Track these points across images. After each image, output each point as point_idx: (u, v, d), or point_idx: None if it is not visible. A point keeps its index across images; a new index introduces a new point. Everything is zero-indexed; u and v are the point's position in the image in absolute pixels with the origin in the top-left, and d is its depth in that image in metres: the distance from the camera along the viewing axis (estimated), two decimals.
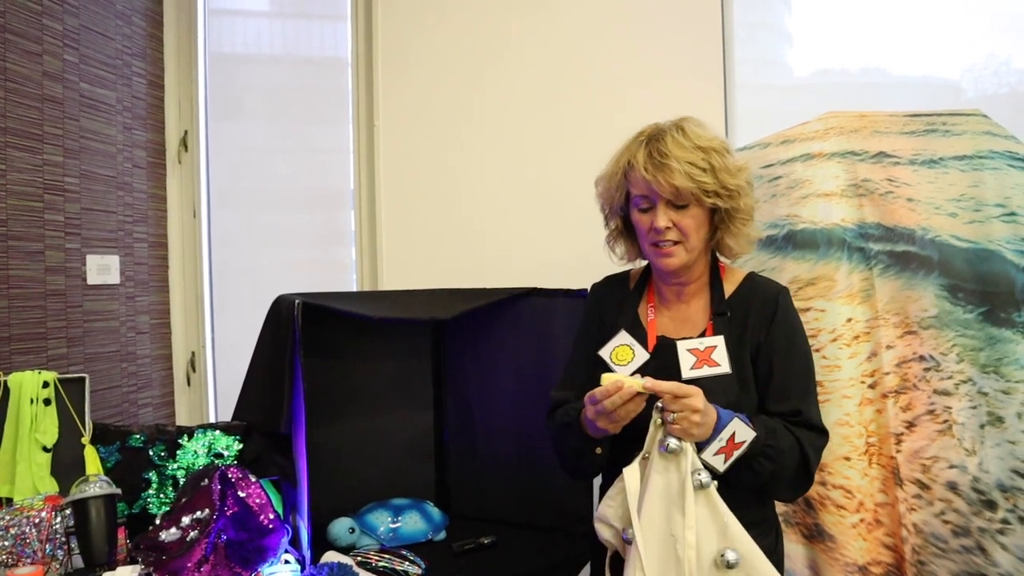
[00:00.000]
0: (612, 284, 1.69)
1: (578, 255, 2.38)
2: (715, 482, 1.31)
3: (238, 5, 2.79)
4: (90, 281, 2.18)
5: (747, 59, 2.42)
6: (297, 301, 1.65)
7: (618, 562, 1.40)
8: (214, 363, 2.69)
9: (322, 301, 1.75)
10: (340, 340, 2.02)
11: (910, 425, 1.80)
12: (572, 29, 2.42)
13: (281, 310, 1.76)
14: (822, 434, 1.47)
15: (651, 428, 1.35)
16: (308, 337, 1.66)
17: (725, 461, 1.34)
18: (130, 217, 2.37)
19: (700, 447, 1.33)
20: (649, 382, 1.32)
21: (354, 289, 2.60)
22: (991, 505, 1.73)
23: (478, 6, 2.47)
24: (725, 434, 1.33)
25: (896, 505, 1.79)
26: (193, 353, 2.64)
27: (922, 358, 1.82)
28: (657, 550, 1.29)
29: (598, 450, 1.48)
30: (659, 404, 1.33)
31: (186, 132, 2.60)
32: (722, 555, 1.28)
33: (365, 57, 2.54)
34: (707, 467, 1.32)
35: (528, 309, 1.98)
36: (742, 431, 1.34)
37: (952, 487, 1.76)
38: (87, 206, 2.17)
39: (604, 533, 1.42)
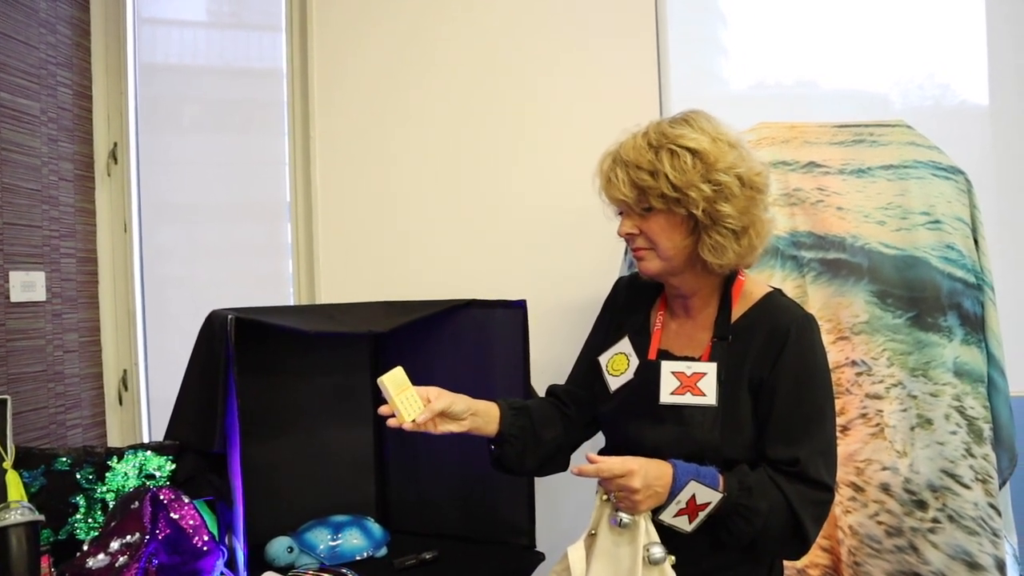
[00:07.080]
0: (636, 281, 1.54)
1: (516, 265, 2.39)
2: (671, 557, 1.24)
3: (169, 15, 2.73)
4: (13, 299, 2.09)
5: (683, 72, 2.45)
6: (230, 317, 1.61)
7: None
8: (147, 381, 2.61)
9: (256, 316, 1.71)
10: (276, 355, 1.98)
11: (844, 429, 1.84)
12: (510, 41, 2.43)
13: (214, 326, 1.72)
14: (823, 490, 1.28)
15: (596, 502, 1.28)
16: (243, 353, 1.62)
17: (691, 522, 1.25)
18: (56, 232, 2.29)
19: (657, 510, 1.25)
20: (576, 468, 1.24)
21: (291, 302, 2.55)
22: (922, 505, 1.78)
23: (414, 17, 2.46)
24: (683, 496, 1.23)
25: (831, 507, 1.82)
26: (125, 371, 2.56)
27: (854, 363, 1.86)
28: None
29: (492, 447, 1.52)
30: (599, 481, 1.26)
31: (115, 144, 2.52)
32: None
33: (300, 68, 2.51)
34: (670, 529, 1.25)
35: (467, 321, 1.97)
36: (704, 493, 1.23)
37: (885, 488, 1.81)
38: (9, 220, 2.08)
39: None
